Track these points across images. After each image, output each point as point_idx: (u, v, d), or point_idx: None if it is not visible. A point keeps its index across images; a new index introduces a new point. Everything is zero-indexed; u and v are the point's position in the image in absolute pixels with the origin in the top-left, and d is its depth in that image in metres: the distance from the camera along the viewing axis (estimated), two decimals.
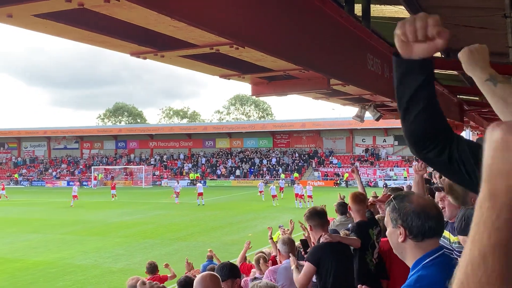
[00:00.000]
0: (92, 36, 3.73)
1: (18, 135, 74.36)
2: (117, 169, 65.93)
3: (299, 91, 6.17)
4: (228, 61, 5.02)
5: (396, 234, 1.89)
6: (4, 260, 17.54)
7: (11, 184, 65.74)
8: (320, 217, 4.79)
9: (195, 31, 3.55)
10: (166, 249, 19.22)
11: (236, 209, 32.49)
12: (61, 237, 22.46)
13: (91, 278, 14.93)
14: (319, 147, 61.60)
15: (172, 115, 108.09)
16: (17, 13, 3.11)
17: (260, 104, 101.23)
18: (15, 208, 35.96)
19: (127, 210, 33.43)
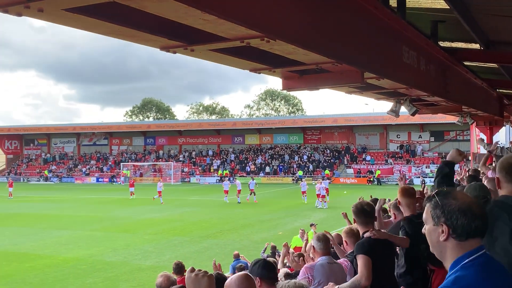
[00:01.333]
0: (122, 31, 3.78)
1: (47, 131, 76.01)
2: (146, 166, 66.74)
3: (331, 85, 6.13)
4: (259, 54, 5.03)
5: (438, 233, 1.83)
6: (35, 256, 17.96)
7: (41, 180, 67.28)
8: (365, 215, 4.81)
9: (225, 24, 3.56)
10: (195, 247, 19.38)
11: (266, 207, 32.50)
12: (90, 233, 22.88)
13: (120, 275, 15.16)
14: (351, 143, 61.06)
15: (201, 111, 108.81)
16: (48, 7, 3.18)
17: (291, 99, 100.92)
18: (46, 204, 36.80)
19: (155, 207, 33.82)
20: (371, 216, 4.86)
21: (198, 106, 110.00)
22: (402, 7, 6.22)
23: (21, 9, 3.20)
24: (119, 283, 14.37)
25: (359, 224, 4.90)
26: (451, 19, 7.08)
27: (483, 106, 12.72)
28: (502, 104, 14.46)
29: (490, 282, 1.77)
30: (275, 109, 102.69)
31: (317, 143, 63.04)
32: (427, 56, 7.49)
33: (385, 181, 51.03)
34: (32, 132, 76.75)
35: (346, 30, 4.81)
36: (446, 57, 8.45)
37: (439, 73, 8.31)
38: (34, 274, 15.45)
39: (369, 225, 4.81)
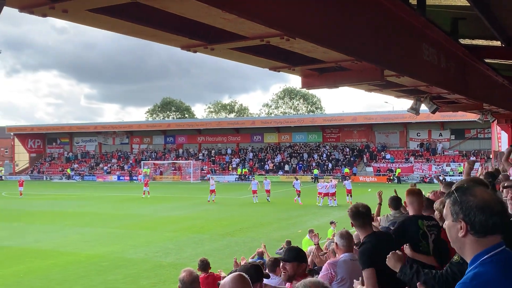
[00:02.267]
0: (144, 30, 3.83)
1: (69, 130, 77.02)
2: (165, 164, 67.18)
3: (351, 83, 6.12)
4: (278, 53, 5.05)
5: (456, 229, 1.84)
6: (58, 253, 18.22)
7: (64, 178, 68.14)
8: (363, 217, 4.73)
9: (246, 23, 3.59)
10: (215, 244, 19.47)
11: (285, 205, 32.48)
12: (112, 231, 23.13)
13: (141, 272, 15.30)
14: (371, 141, 60.66)
15: (220, 109, 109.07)
16: (72, 8, 3.24)
17: (309, 97, 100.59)
18: (68, 202, 37.29)
19: (175, 204, 34.05)
20: (368, 216, 4.79)
21: (217, 104, 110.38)
22: (422, 5, 6.18)
23: (46, 10, 3.26)
24: (140, 279, 14.50)
25: (357, 227, 4.83)
26: (472, 16, 7.00)
27: (504, 104, 12.55)
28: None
29: (510, 279, 1.76)
30: (294, 107, 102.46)
31: (336, 142, 62.75)
32: (448, 53, 7.42)
33: (405, 179, 50.54)
34: (55, 131, 77.79)
35: (366, 28, 4.79)
36: (466, 54, 8.36)
37: (459, 71, 8.23)
38: (57, 270, 15.68)
39: (367, 227, 4.76)
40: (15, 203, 36.75)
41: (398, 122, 56.34)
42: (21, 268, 15.96)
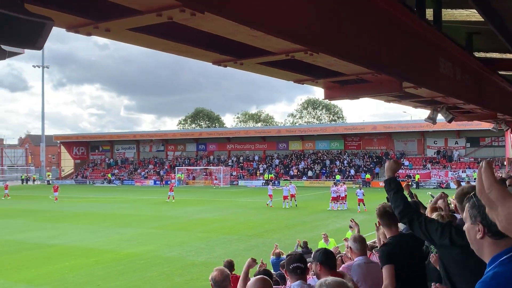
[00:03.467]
0: (179, 47, 3.88)
1: (110, 138, 78.19)
2: (198, 170, 67.56)
3: (371, 94, 6.06)
4: (302, 66, 5.04)
5: (475, 231, 1.82)
6: (100, 251, 18.47)
7: (105, 183, 69.13)
8: (389, 218, 4.57)
9: (272, 39, 3.60)
10: (243, 245, 19.45)
11: (309, 208, 32.30)
12: (149, 231, 23.34)
13: (175, 270, 15.39)
14: (390, 149, 59.91)
15: (248, 119, 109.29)
16: (114, 27, 3.30)
17: (331, 107, 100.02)
18: (109, 204, 37.80)
19: (207, 207, 34.19)
20: (394, 217, 4.49)
21: (245, 114, 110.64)
22: (438, 20, 6.11)
23: (91, 29, 3.34)
24: (174, 277, 14.59)
25: (384, 226, 4.73)
26: (486, 31, 6.89)
27: None
28: None
29: None
30: (317, 117, 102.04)
31: (357, 149, 62.17)
32: (463, 66, 7.32)
33: (423, 185, 49.81)
34: (97, 139, 79.11)
35: (385, 42, 4.76)
36: (481, 67, 8.23)
37: (474, 82, 8.10)
38: (99, 267, 15.88)
39: (392, 227, 4.62)
40: (61, 206, 37.42)
41: (416, 130, 55.63)
42: (66, 265, 16.22)
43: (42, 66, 78.83)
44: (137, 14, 3.02)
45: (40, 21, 2.57)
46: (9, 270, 15.72)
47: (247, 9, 3.17)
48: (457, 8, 6.42)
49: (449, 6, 6.35)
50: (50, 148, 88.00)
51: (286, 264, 4.49)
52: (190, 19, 3.03)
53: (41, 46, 2.63)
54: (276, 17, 3.43)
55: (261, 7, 3.30)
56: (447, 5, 6.28)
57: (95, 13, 3.18)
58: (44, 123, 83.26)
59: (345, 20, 4.18)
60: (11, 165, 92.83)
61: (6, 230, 24.52)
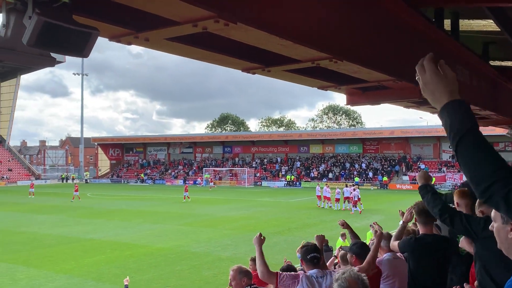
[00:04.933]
0: (212, 56, 3.91)
1: (143, 141, 79.22)
2: (224, 171, 67.83)
3: (392, 101, 6.00)
4: (327, 73, 5.03)
5: (506, 230, 1.74)
6: (133, 245, 18.68)
7: (138, 182, 69.94)
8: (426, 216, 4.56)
9: (299, 48, 3.60)
10: (266, 242, 19.11)
11: (329, 208, 32.06)
12: (178, 227, 23.50)
13: (203, 264, 15.45)
14: (407, 153, 59.13)
15: (271, 123, 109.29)
16: (152, 37, 3.35)
17: (351, 113, 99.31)
18: (142, 202, 38.23)
19: (233, 206, 34.27)
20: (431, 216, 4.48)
21: (268, 119, 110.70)
22: (455, 30, 6.02)
23: (131, 39, 3.39)
24: (202, 270, 14.65)
25: (420, 223, 4.72)
26: (502, 40, 6.76)
27: None
28: None
29: None
30: (337, 122, 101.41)
31: (375, 153, 61.55)
32: (479, 74, 7.18)
33: (438, 187, 48.99)
34: (131, 141, 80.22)
35: (406, 51, 4.71)
36: (496, 75, 8.07)
37: (490, 89, 7.94)
38: (133, 260, 16.06)
39: (428, 225, 4.61)
40: (98, 202, 38.02)
41: (432, 135, 54.81)
42: (102, 258, 16.45)
43: (82, 74, 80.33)
44: (175, 25, 3.06)
45: (87, 31, 2.63)
46: (50, 262, 16.02)
47: (276, 20, 3.18)
48: (474, 18, 6.32)
49: (466, 17, 6.25)
50: (88, 150, 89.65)
51: (302, 254, 4.56)
52: (223, 29, 3.06)
53: (87, 54, 2.69)
54: (303, 27, 3.43)
55: (290, 18, 3.31)
56: (464, 16, 6.19)
57: (135, 23, 3.24)
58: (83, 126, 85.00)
59: (368, 30, 4.16)
60: (53, 165, 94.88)
61: (47, 224, 25.02)
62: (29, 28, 2.42)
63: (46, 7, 2.45)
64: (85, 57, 2.76)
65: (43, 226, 24.49)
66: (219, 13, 2.80)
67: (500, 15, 5.62)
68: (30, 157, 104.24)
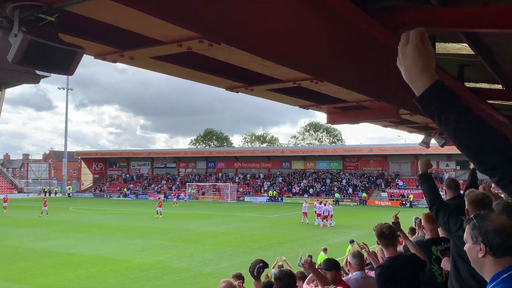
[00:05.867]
0: (196, 74, 3.93)
1: (127, 155, 78.41)
2: (207, 186, 67.42)
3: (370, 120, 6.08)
4: (308, 93, 5.08)
5: (476, 250, 1.81)
6: (115, 260, 18.36)
7: (121, 196, 69.03)
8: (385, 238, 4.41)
9: (281, 68, 3.64)
10: (248, 257, 19.27)
11: (310, 224, 32.05)
12: (160, 242, 23.21)
13: (185, 279, 15.26)
14: (385, 170, 59.71)
15: (254, 140, 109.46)
16: (138, 56, 3.36)
17: (331, 130, 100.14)
18: (124, 216, 37.70)
19: (215, 221, 34.01)
20: (390, 238, 4.41)
21: (251, 136, 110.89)
22: None
23: (117, 57, 3.39)
24: (184, 286, 14.46)
25: (382, 246, 4.57)
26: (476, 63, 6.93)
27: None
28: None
29: None
30: (318, 139, 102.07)
31: (355, 169, 61.99)
32: None
33: (416, 204, 49.50)
34: (115, 156, 79.31)
35: (384, 73, 4.80)
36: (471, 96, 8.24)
37: None
38: (114, 275, 15.78)
39: (389, 248, 4.42)
40: (81, 217, 37.37)
41: (409, 153, 55.51)
42: (84, 273, 16.13)
43: (67, 88, 79.63)
44: (160, 44, 3.07)
45: (72, 49, 2.61)
46: (31, 276, 15.64)
47: (259, 41, 3.21)
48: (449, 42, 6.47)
49: (443, 40, 6.40)
50: (72, 163, 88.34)
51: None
52: (208, 49, 3.08)
53: (72, 72, 2.67)
54: (285, 48, 3.47)
55: (272, 40, 3.35)
56: (440, 39, 6.33)
57: (121, 42, 3.24)
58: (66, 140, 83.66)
59: (348, 52, 4.23)
60: (35, 179, 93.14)
61: (29, 238, 24.48)
62: (14, 46, 2.40)
63: (32, 25, 2.43)
64: (70, 75, 2.74)
65: (24, 240, 23.94)
66: (203, 34, 2.82)
67: (474, 39, 5.77)
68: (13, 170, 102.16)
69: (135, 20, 2.69)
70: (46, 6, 2.44)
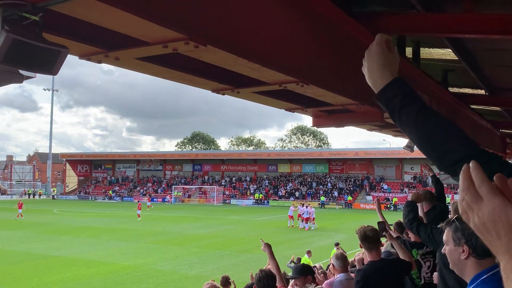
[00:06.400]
0: (182, 76, 3.91)
1: (112, 158, 77.75)
2: (193, 188, 67.19)
3: (355, 123, 6.11)
4: (293, 96, 5.09)
5: (458, 252, 1.81)
6: (99, 263, 18.18)
7: (106, 199, 68.41)
8: (368, 242, 4.40)
9: (267, 71, 3.64)
10: (234, 259, 19.25)
11: (295, 227, 32.10)
12: (145, 245, 23.04)
13: (170, 282, 15.16)
14: (370, 173, 60.15)
15: (240, 143, 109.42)
16: (123, 56, 3.33)
17: (318, 134, 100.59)
18: (109, 219, 37.36)
19: (201, 224, 33.90)
20: (374, 242, 4.40)
21: (238, 139, 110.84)
22: (416, 58, 6.22)
23: (102, 58, 3.35)
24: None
25: (365, 250, 4.55)
26: (460, 69, 7.02)
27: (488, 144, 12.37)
28: (505, 142, 14.06)
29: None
30: (304, 142, 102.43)
31: (341, 173, 62.33)
32: (439, 100, 7.41)
33: (400, 208, 49.91)
34: (100, 158, 78.61)
35: None
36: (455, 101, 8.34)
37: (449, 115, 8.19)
38: (98, 278, 15.61)
39: (372, 252, 4.40)
40: (65, 219, 36.93)
41: (394, 157, 56.02)
42: (68, 275, 15.94)
43: (52, 90, 78.82)
44: (145, 45, 3.05)
45: (56, 49, 2.58)
46: (13, 279, 15.40)
47: (245, 44, 3.21)
48: (434, 47, 6.55)
49: (427, 46, 6.47)
50: (56, 165, 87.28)
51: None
52: (193, 51, 3.06)
53: (56, 72, 2.64)
54: (271, 51, 3.48)
55: (258, 42, 3.35)
56: (425, 45, 6.40)
57: (106, 43, 3.21)
58: (51, 142, 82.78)
59: (334, 56, 4.25)
60: (19, 180, 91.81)
61: (12, 241, 24.11)
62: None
63: (15, 24, 2.40)
64: (54, 75, 2.71)
65: (6, 242, 23.58)
66: (189, 36, 2.80)
67: (457, 44, 5.84)
68: None
69: (120, 20, 2.66)
70: (30, 5, 2.40)
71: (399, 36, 5.73)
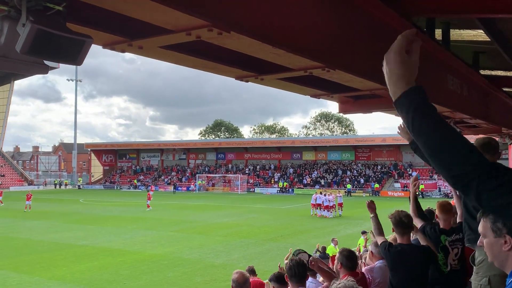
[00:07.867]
0: (205, 64, 3.91)
1: (137, 147, 78.89)
2: (217, 177, 67.69)
3: (383, 109, 6.02)
4: (319, 82, 5.03)
5: (500, 244, 1.75)
6: (126, 252, 18.56)
7: (131, 188, 69.58)
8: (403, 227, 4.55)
9: (292, 57, 3.60)
10: (259, 248, 19.37)
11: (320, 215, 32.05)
12: (171, 234, 23.39)
13: (196, 271, 15.37)
14: (399, 160, 59.40)
15: (263, 130, 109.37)
16: (146, 45, 3.35)
17: (343, 120, 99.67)
18: (135, 208, 38.01)
19: (225, 212, 34.17)
20: (408, 227, 4.59)
21: (261, 126, 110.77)
22: (446, 40, 6.07)
23: (125, 47, 3.38)
24: (195, 277, 14.57)
25: (397, 234, 4.67)
26: (492, 50, 6.82)
27: None
28: None
29: None
30: (329, 129, 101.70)
31: (367, 160, 61.76)
32: (469, 83, 7.24)
33: (430, 195, 49.23)
34: (124, 147, 79.84)
35: None
36: (486, 83, 8.13)
37: (480, 98, 8.00)
38: (125, 267, 15.95)
39: (404, 237, 4.57)
40: (91, 209, 37.76)
41: None
42: (95, 264, 16.33)
43: (76, 80, 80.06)
44: (168, 33, 3.05)
45: (81, 39, 2.61)
46: (42, 268, 15.87)
47: (269, 29, 3.18)
48: (464, 28, 6.37)
49: (457, 27, 6.30)
50: (81, 155, 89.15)
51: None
52: (217, 37, 3.05)
53: (81, 62, 2.67)
54: (296, 36, 3.44)
55: (283, 27, 3.32)
56: (455, 26, 6.24)
57: (129, 31, 3.23)
58: (76, 132, 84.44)
59: (361, 40, 4.18)
60: (45, 171, 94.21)
61: (39, 230, 24.82)
62: (22, 36, 2.40)
63: (40, 15, 2.43)
64: (79, 65, 2.74)
65: (34, 232, 24.28)
66: (212, 22, 2.79)
67: (490, 25, 5.67)
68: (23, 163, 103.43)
69: (143, 8, 2.67)
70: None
71: (428, 18, 5.60)
